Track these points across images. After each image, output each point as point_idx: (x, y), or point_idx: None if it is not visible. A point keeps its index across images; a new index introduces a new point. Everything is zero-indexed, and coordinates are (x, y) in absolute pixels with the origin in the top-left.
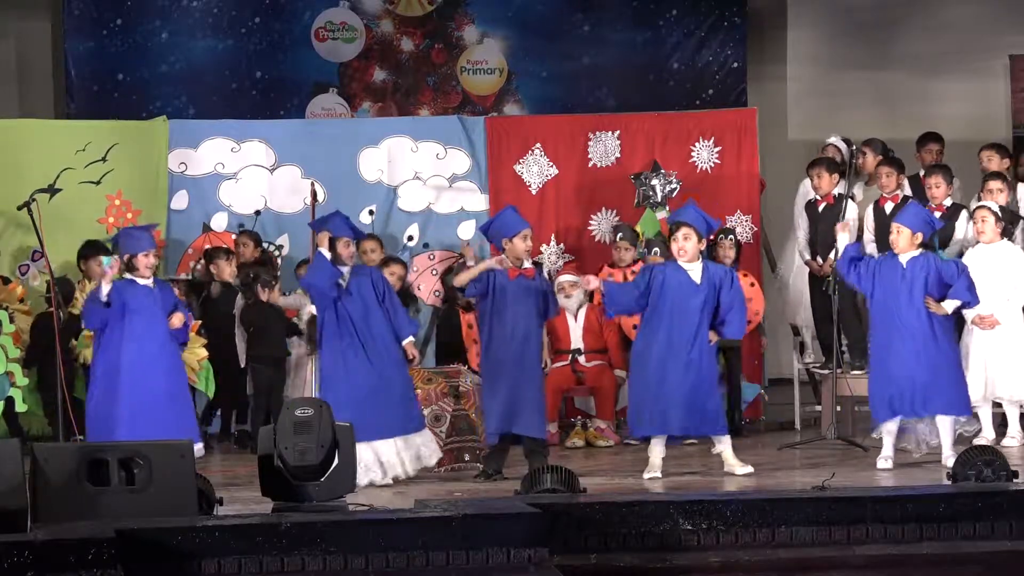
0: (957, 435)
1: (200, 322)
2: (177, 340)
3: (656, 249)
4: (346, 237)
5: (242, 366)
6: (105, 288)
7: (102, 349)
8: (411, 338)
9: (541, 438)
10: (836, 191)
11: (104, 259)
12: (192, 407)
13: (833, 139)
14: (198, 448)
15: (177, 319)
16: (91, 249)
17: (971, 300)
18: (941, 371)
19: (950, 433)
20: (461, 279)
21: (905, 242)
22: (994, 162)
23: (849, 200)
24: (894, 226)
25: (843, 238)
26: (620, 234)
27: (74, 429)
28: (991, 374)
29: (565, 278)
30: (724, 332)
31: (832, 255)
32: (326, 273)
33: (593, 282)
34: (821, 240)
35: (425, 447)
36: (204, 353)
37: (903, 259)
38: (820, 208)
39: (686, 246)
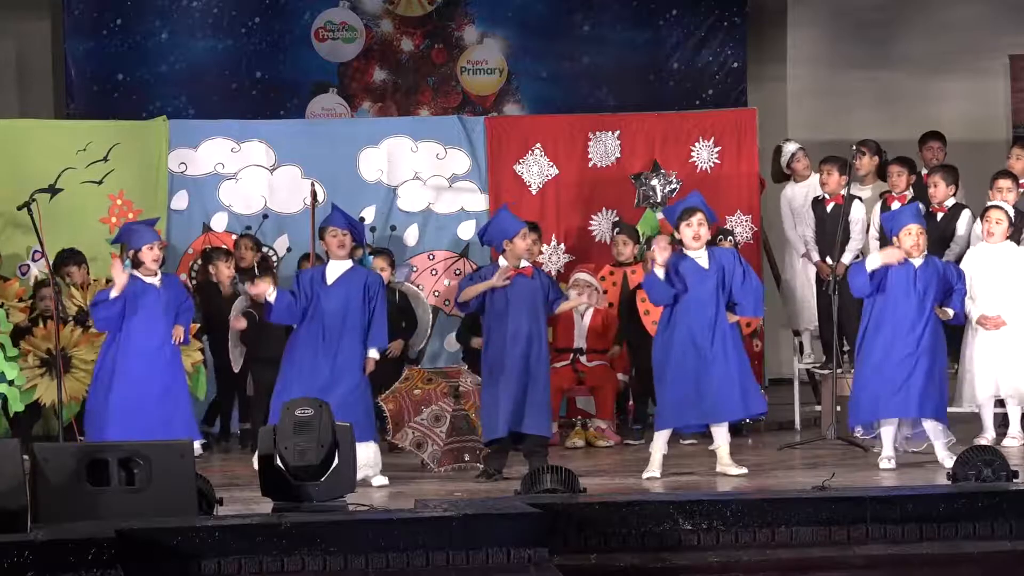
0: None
1: (198, 325)
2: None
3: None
4: (334, 227)
5: (236, 371)
6: (116, 290)
7: (102, 349)
8: (375, 351)
9: (547, 436)
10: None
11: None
12: (190, 406)
13: (793, 146)
14: (196, 447)
15: (177, 333)
16: (69, 256)
17: (960, 317)
18: (933, 378)
19: (942, 436)
20: (467, 294)
21: (924, 242)
22: (1022, 162)
23: (857, 200)
24: (914, 228)
25: (873, 259)
26: (618, 229)
27: (74, 429)
28: (996, 373)
29: (582, 276)
30: (738, 311)
31: (845, 258)
32: (290, 315)
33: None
34: (828, 240)
35: (365, 460)
36: (199, 356)
37: (915, 263)
38: (828, 208)
39: (700, 231)
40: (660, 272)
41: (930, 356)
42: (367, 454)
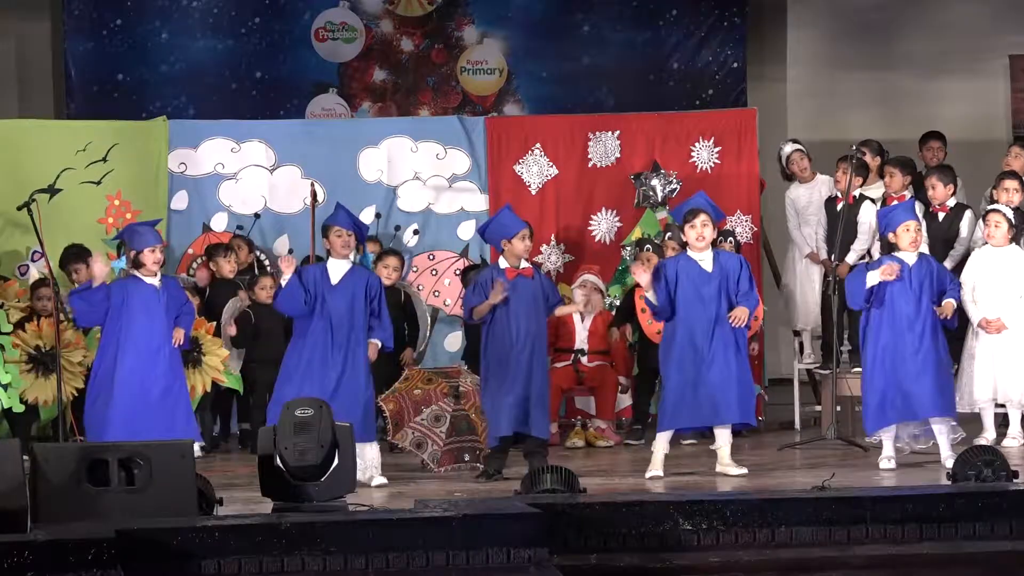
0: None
1: (214, 324)
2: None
3: (648, 247)
4: (339, 226)
5: (236, 372)
6: (97, 280)
7: (100, 348)
8: (378, 341)
9: (546, 439)
10: (856, 192)
11: (114, 263)
12: (190, 407)
13: (789, 148)
14: (196, 449)
15: (178, 336)
16: (75, 254)
17: (952, 322)
18: (941, 374)
19: (947, 433)
20: (479, 313)
21: (921, 238)
22: (1020, 160)
23: (868, 201)
24: (912, 224)
25: (873, 276)
26: (669, 234)
27: (74, 429)
28: (997, 377)
29: (590, 278)
30: (741, 302)
31: (850, 258)
32: (294, 303)
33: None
34: (839, 239)
35: (365, 461)
36: (226, 353)
37: (908, 260)
38: (839, 207)
39: (704, 232)
40: (651, 295)
41: (935, 353)
42: (372, 454)
